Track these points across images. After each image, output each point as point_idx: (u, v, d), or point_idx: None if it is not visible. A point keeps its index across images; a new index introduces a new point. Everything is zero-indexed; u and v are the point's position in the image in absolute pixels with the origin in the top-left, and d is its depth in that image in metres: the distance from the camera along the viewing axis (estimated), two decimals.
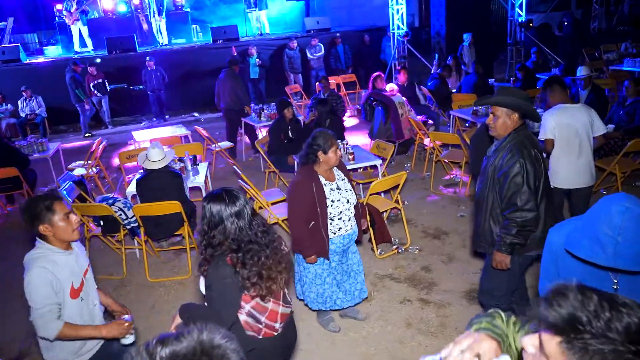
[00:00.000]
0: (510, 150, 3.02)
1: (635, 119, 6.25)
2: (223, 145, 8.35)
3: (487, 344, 1.31)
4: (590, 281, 1.91)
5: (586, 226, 1.88)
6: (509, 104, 3.04)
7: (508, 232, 3.05)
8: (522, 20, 13.14)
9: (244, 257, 2.35)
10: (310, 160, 3.56)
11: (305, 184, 3.52)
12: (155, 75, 11.48)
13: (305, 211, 3.49)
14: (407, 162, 7.73)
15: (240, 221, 2.38)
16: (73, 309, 2.61)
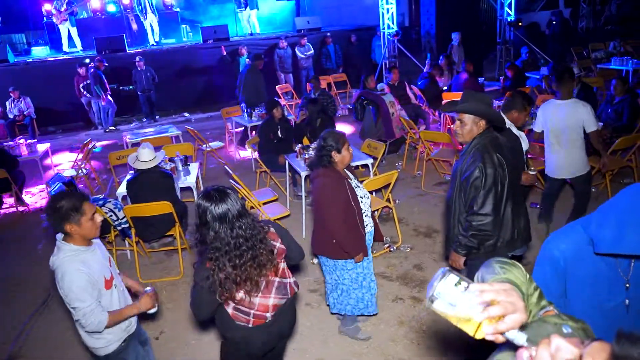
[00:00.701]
0: (473, 155, 3.04)
1: (623, 117, 6.32)
2: (214, 145, 8.33)
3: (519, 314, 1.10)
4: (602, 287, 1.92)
5: (628, 221, 1.70)
6: (476, 111, 3.02)
7: (465, 235, 3.11)
8: (512, 20, 13.23)
9: (220, 260, 2.43)
10: (324, 163, 3.43)
11: (336, 183, 3.43)
12: (145, 76, 11.43)
13: (342, 212, 3.41)
14: (398, 161, 7.75)
15: (222, 225, 2.42)
16: (109, 298, 2.72)
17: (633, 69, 10.03)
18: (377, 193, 5.85)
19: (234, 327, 2.65)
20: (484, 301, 1.07)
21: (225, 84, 12.72)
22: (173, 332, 4.26)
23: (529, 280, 1.37)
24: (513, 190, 3.12)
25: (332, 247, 3.50)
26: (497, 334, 1.07)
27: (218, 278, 2.42)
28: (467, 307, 1.06)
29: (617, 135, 5.95)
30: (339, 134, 3.50)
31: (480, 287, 1.10)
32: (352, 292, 3.67)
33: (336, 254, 3.52)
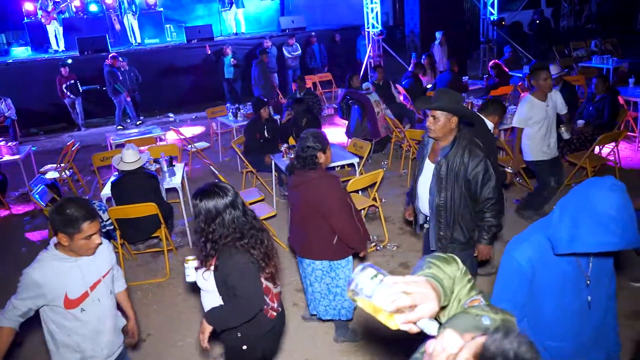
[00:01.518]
0: (471, 153, 3.15)
1: (604, 115, 6.42)
2: (199, 145, 8.28)
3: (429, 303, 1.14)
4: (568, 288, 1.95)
5: (581, 220, 1.75)
6: (449, 108, 3.12)
7: (492, 224, 3.26)
8: (494, 19, 13.35)
9: (249, 242, 2.46)
10: (310, 165, 3.32)
11: (335, 182, 3.41)
12: (128, 76, 11.32)
13: (350, 207, 3.45)
14: (383, 160, 7.79)
15: (236, 210, 2.47)
16: (70, 320, 2.52)
17: (613, 67, 10.19)
18: (363, 192, 5.87)
19: (263, 320, 2.62)
20: (395, 292, 1.11)
21: (210, 84, 12.66)
22: (160, 334, 4.23)
23: (463, 273, 1.40)
24: None
25: (332, 249, 3.44)
26: (409, 324, 1.11)
27: (256, 254, 2.45)
28: (381, 299, 1.11)
29: (599, 133, 6.04)
30: (322, 134, 3.43)
31: (392, 280, 1.14)
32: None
33: (337, 254, 3.48)
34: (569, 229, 1.78)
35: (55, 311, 2.50)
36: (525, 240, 1.98)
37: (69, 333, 2.55)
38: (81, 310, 2.54)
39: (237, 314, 2.49)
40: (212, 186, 2.49)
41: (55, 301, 2.46)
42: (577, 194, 1.81)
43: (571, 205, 1.81)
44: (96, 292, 2.59)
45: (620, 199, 1.70)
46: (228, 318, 2.52)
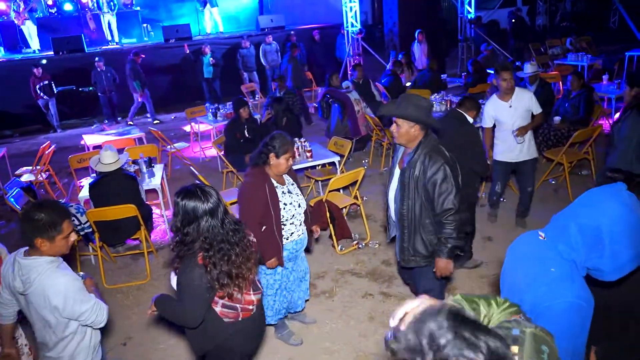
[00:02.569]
0: (431, 158, 3.06)
1: (580, 111, 6.53)
2: (179, 146, 8.20)
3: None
4: None
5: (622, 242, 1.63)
6: (407, 116, 3.06)
7: (449, 236, 3.11)
8: (472, 17, 13.49)
9: (214, 256, 2.39)
10: (262, 161, 3.37)
11: (257, 185, 3.33)
12: (105, 76, 11.15)
13: (259, 214, 3.30)
14: (364, 158, 7.81)
15: (214, 220, 2.41)
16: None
17: (588, 64, 10.39)
18: (344, 190, 5.88)
19: (224, 326, 2.58)
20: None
21: (189, 84, 12.55)
22: (140, 337, 4.18)
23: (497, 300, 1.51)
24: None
25: None
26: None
27: (215, 273, 2.38)
28: None
29: (575, 129, 6.14)
30: (288, 142, 3.38)
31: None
32: (268, 297, 3.60)
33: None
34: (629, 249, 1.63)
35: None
36: (569, 279, 1.69)
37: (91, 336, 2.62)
38: None
39: (176, 316, 2.49)
40: (196, 188, 2.44)
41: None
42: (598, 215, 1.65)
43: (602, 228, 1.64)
44: None
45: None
46: (170, 313, 2.52)
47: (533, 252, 1.81)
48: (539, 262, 1.75)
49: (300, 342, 3.89)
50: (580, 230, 1.68)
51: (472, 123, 4.36)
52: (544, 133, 6.63)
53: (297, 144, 5.83)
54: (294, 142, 3.52)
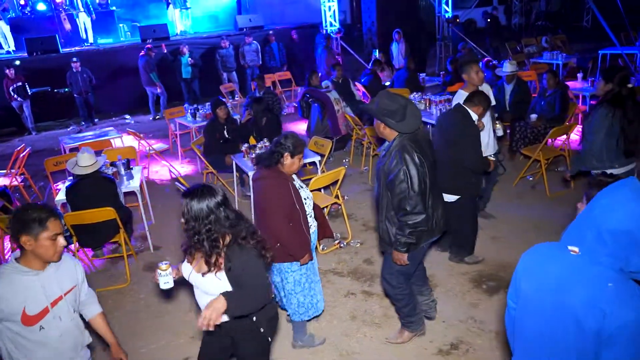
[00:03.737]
0: (395, 157, 3.16)
1: (556, 109, 6.65)
2: (157, 147, 8.11)
3: None
4: None
5: None
6: (374, 113, 3.21)
7: (402, 234, 3.23)
8: (449, 16, 13.62)
9: (248, 238, 2.46)
10: (274, 161, 3.34)
11: (282, 184, 3.34)
12: (81, 77, 10.96)
13: (288, 214, 3.32)
14: (345, 158, 7.83)
15: (227, 209, 2.47)
16: (28, 337, 2.38)
17: (563, 62, 10.57)
18: (325, 190, 5.89)
19: (270, 307, 2.69)
20: None
21: (167, 84, 12.41)
22: (121, 341, 4.10)
23: None
24: (431, 184, 3.26)
25: (277, 250, 3.34)
26: None
27: (257, 243, 2.47)
28: None
29: (551, 126, 6.25)
30: (302, 142, 3.42)
31: None
32: (294, 297, 3.58)
33: (280, 257, 3.41)
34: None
35: (12, 329, 2.36)
36: (629, 290, 1.63)
37: (26, 354, 2.40)
38: (40, 328, 2.39)
39: (253, 301, 2.48)
40: (200, 187, 2.48)
41: (12, 317, 2.32)
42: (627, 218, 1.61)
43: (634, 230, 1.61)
44: (57, 309, 2.45)
45: None
46: (245, 304, 2.45)
47: (575, 271, 1.70)
48: (590, 282, 1.66)
49: (323, 340, 3.88)
50: (614, 238, 1.62)
51: (474, 121, 4.31)
52: (521, 131, 6.73)
53: None
54: (305, 143, 3.50)
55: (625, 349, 1.59)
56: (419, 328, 3.76)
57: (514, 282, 1.93)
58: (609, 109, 4.14)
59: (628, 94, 4.18)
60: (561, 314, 1.72)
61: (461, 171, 4.29)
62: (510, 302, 1.96)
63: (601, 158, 4.23)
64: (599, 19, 9.31)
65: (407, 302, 3.65)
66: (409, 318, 3.71)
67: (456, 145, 4.26)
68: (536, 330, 1.82)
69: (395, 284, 3.57)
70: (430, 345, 3.73)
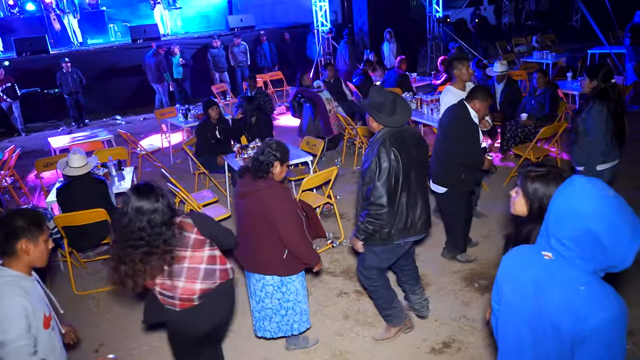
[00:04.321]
0: (372, 148, 3.28)
1: (546, 108, 6.70)
2: (148, 148, 8.08)
3: None
4: None
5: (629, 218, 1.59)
6: (363, 105, 3.38)
7: (362, 221, 3.33)
8: (440, 16, 13.67)
9: (117, 250, 2.61)
10: (264, 171, 3.17)
11: (285, 192, 3.26)
12: (71, 78, 10.89)
13: (300, 223, 3.28)
14: (337, 157, 7.84)
15: (137, 217, 2.53)
16: (48, 339, 2.31)
17: (553, 62, 10.65)
18: (317, 190, 5.90)
19: (163, 310, 2.76)
20: None
21: None
22: (113, 342, 4.11)
23: None
24: (408, 182, 3.31)
25: (282, 263, 3.29)
26: None
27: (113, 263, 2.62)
28: None
29: (541, 125, 6.30)
30: (287, 148, 3.30)
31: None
32: (297, 306, 3.49)
33: (289, 269, 3.33)
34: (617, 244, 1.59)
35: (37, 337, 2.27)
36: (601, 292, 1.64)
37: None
38: (52, 329, 2.37)
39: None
40: (142, 184, 2.61)
41: (39, 324, 2.24)
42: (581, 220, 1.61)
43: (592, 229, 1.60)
44: (52, 308, 2.46)
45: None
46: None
47: (550, 275, 1.71)
48: (563, 286, 1.67)
49: (316, 340, 3.88)
50: (576, 242, 1.63)
51: (472, 117, 4.27)
52: (512, 130, 6.78)
53: None
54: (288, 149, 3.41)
55: (598, 350, 1.61)
56: (400, 322, 3.76)
57: (496, 284, 1.94)
58: (602, 104, 4.20)
59: (612, 89, 4.25)
60: (539, 317, 1.73)
61: (450, 166, 4.32)
62: (494, 304, 1.96)
63: (606, 152, 4.26)
64: (588, 19, 9.39)
65: (379, 294, 3.68)
66: (386, 312, 3.73)
67: (451, 140, 4.30)
68: (517, 333, 1.83)
69: (367, 274, 3.63)
70: (423, 343, 3.75)
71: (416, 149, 3.35)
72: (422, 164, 3.42)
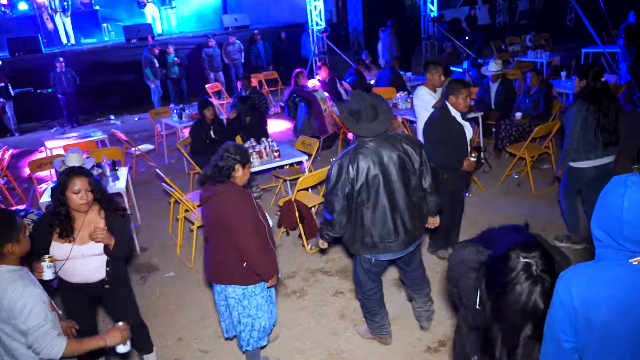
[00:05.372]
0: (340, 155, 3.24)
1: (540, 107, 6.72)
2: (143, 148, 8.05)
3: None
4: None
5: None
6: (339, 113, 3.38)
7: (321, 222, 3.41)
8: (435, 16, 13.69)
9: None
10: (225, 176, 3.06)
11: (243, 196, 3.09)
12: (65, 77, 10.84)
13: (254, 230, 3.07)
14: (332, 157, 7.83)
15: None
16: (55, 322, 2.48)
17: (547, 61, 10.69)
18: (313, 189, 5.89)
19: None
20: None
21: None
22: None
23: None
24: (376, 197, 3.14)
25: (242, 272, 3.13)
26: None
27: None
28: None
29: (535, 124, 6.31)
30: (246, 150, 3.21)
31: None
32: (257, 321, 3.28)
33: (248, 279, 3.16)
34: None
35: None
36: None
37: None
38: (54, 310, 2.52)
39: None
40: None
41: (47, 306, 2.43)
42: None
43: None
44: None
45: None
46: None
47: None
48: None
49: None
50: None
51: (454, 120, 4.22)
52: (506, 129, 6.79)
53: (264, 144, 5.80)
54: (247, 151, 3.31)
55: None
56: (377, 335, 3.73)
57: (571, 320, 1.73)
58: (583, 104, 4.26)
59: (601, 88, 4.29)
60: None
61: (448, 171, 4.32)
62: (566, 341, 1.76)
63: (578, 150, 4.33)
64: (582, 18, 9.43)
65: (363, 303, 3.69)
66: (367, 319, 3.74)
67: (428, 143, 4.27)
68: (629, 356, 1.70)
69: (356, 282, 3.66)
70: (419, 342, 3.75)
71: (394, 163, 3.15)
72: (403, 179, 3.20)
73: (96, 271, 3.10)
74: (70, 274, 3.07)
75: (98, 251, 3.05)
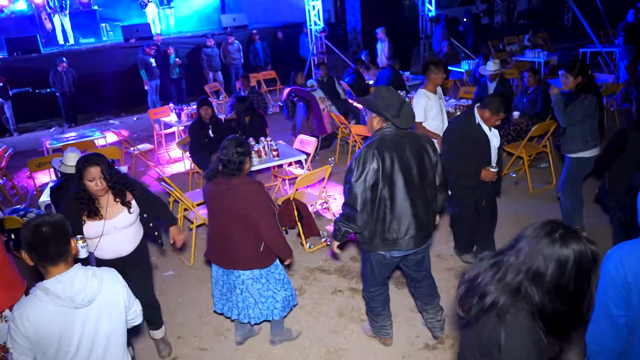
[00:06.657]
0: (361, 149, 3.15)
1: (537, 106, 6.75)
2: (142, 147, 8.06)
3: None
4: None
5: None
6: (368, 105, 3.20)
7: (337, 220, 3.26)
8: (432, 15, 13.72)
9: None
10: (238, 169, 3.23)
11: (261, 186, 3.35)
12: (66, 77, 10.84)
13: (275, 213, 3.37)
14: (330, 156, 7.86)
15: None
16: None
17: (545, 60, 10.72)
18: (311, 188, 5.91)
19: None
20: None
21: None
22: None
23: None
24: (396, 191, 3.11)
25: (261, 256, 3.37)
26: None
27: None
28: None
29: (533, 123, 6.34)
30: (246, 141, 3.38)
31: None
32: (278, 293, 3.52)
33: (266, 261, 3.41)
34: None
35: None
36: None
37: None
38: None
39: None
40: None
41: None
42: None
43: None
44: None
45: None
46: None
47: None
48: None
49: (298, 333, 3.93)
50: None
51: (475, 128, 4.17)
52: (504, 128, 6.81)
53: (263, 143, 5.82)
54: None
55: None
56: (377, 334, 3.74)
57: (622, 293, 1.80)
58: (592, 98, 4.42)
59: (591, 82, 4.52)
60: None
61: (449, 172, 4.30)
62: (619, 314, 1.83)
63: (587, 140, 4.54)
64: (579, 18, 9.46)
65: (367, 302, 3.69)
66: (370, 318, 3.74)
67: (443, 151, 4.26)
68: None
69: (364, 279, 3.62)
70: (417, 340, 3.77)
71: (414, 157, 3.16)
72: (422, 174, 3.20)
73: (127, 244, 3.39)
74: (106, 250, 3.31)
75: (130, 222, 3.33)
